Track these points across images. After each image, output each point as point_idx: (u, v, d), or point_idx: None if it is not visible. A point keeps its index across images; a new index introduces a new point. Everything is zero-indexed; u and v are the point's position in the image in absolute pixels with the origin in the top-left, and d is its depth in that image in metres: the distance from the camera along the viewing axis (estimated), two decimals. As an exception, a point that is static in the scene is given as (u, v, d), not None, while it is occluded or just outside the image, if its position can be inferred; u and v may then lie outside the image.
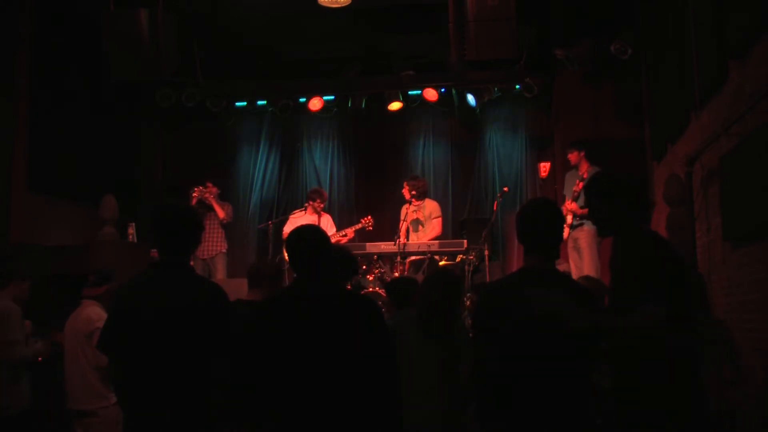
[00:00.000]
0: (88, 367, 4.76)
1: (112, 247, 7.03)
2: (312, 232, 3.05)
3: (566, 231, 7.29)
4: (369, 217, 8.44)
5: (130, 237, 7.64)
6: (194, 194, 8.39)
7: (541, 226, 2.92)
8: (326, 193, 8.88)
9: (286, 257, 8.26)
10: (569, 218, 7.29)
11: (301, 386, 2.73)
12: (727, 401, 4.52)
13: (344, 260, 4.15)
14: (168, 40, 6.46)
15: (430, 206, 8.26)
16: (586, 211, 7.13)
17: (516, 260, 9.37)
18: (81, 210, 7.94)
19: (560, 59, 8.18)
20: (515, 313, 2.77)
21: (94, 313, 4.77)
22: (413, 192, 8.13)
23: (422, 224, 8.19)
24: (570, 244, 7.44)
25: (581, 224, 7.26)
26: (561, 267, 5.34)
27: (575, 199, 7.22)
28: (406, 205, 8.16)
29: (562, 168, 8.53)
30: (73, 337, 4.87)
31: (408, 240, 8.07)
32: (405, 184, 8.27)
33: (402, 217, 8.16)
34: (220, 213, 8.46)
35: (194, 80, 8.66)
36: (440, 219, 8.24)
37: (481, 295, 3.22)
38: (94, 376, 4.76)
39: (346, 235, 8.30)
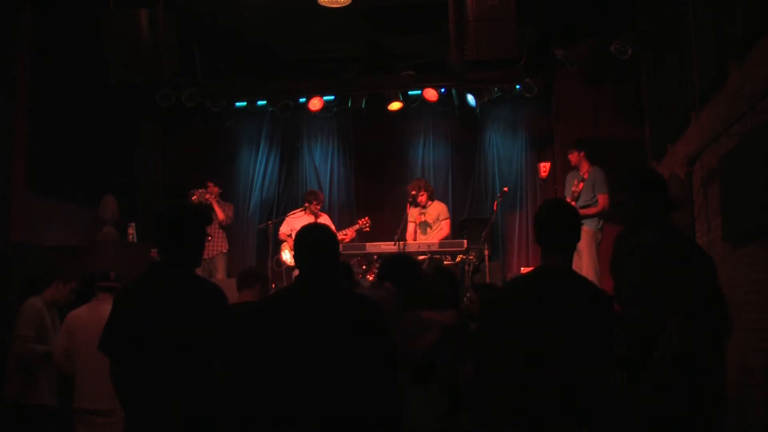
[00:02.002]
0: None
1: (112, 247, 7.03)
2: (320, 231, 3.05)
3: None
4: (366, 218, 8.46)
5: (130, 237, 7.64)
6: (193, 197, 8.39)
7: (559, 225, 2.95)
8: (322, 195, 8.91)
9: (283, 258, 8.42)
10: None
11: (299, 387, 2.73)
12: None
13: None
14: (168, 40, 6.44)
15: (438, 208, 8.24)
16: (586, 211, 7.17)
17: (516, 260, 9.38)
18: (81, 210, 7.93)
19: (560, 59, 8.18)
20: (530, 313, 2.77)
21: None
22: (413, 192, 8.13)
23: (430, 227, 8.18)
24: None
25: (581, 224, 7.22)
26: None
27: (575, 199, 7.21)
28: (410, 206, 8.17)
29: (562, 168, 8.53)
30: (94, 335, 4.83)
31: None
32: (408, 187, 8.30)
33: (410, 219, 8.16)
34: (220, 214, 8.46)
35: (194, 80, 8.65)
36: (448, 220, 8.23)
37: (498, 294, 3.22)
38: None
39: (346, 235, 8.31)
